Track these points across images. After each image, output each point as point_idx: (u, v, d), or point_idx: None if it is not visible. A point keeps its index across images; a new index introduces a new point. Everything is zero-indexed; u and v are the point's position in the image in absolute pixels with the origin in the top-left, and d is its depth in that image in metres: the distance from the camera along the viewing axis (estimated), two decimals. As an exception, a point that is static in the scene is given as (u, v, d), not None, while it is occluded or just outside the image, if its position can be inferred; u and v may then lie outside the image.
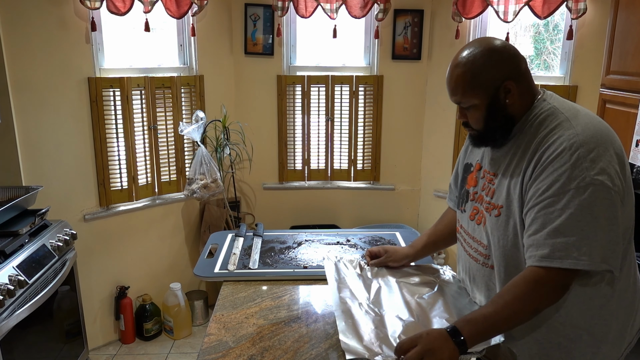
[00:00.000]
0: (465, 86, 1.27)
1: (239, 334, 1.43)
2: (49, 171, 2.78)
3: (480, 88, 1.26)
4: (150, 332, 3.24)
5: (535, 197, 1.18)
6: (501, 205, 1.29)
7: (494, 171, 1.35)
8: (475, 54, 1.26)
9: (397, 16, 3.40)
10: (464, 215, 1.47)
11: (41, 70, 2.68)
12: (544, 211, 1.16)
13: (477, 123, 1.31)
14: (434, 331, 1.19)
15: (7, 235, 2.18)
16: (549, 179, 1.17)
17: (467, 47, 1.29)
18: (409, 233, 2.23)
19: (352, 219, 3.72)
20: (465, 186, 1.48)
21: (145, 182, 3.17)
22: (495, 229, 1.30)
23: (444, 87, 1.37)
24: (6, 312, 1.91)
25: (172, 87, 3.17)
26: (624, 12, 2.37)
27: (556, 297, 1.19)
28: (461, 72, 1.27)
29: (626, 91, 2.33)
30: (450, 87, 1.30)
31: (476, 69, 1.25)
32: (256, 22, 3.41)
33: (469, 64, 1.26)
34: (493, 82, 1.26)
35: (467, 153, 1.53)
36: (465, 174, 1.50)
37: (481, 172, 1.42)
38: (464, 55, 1.28)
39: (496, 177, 1.33)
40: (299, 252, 1.97)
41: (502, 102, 1.27)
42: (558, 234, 1.14)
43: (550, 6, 2.82)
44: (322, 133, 3.60)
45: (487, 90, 1.26)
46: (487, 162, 1.39)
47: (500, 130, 1.30)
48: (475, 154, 1.48)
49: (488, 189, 1.36)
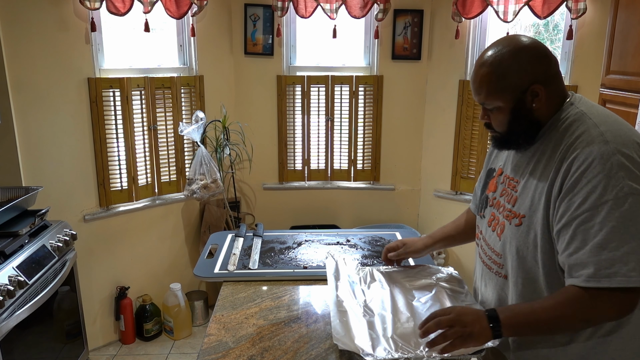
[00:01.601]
0: (490, 87, 1.20)
1: (239, 334, 1.43)
2: (49, 171, 2.78)
3: (505, 91, 1.19)
4: (151, 332, 3.24)
5: (570, 212, 1.10)
6: (523, 214, 1.22)
7: (516, 177, 1.28)
8: (502, 53, 1.19)
9: (397, 16, 3.40)
10: (483, 221, 1.42)
11: (41, 71, 2.68)
12: (583, 227, 1.08)
13: (500, 126, 1.24)
14: (469, 308, 1.18)
15: (7, 235, 2.17)
16: (583, 192, 1.08)
17: (495, 45, 1.22)
18: (409, 233, 2.23)
19: (352, 219, 3.72)
20: (486, 191, 1.43)
21: (145, 182, 3.17)
22: (514, 239, 1.24)
23: (444, 87, 1.35)
24: (6, 312, 1.91)
25: (172, 88, 3.17)
26: (624, 12, 2.37)
27: (613, 316, 1.11)
28: (486, 72, 1.20)
29: (626, 91, 2.33)
30: (474, 86, 1.23)
31: (503, 70, 1.18)
32: (256, 22, 3.41)
33: (496, 64, 1.19)
34: (520, 86, 1.18)
35: (491, 157, 1.47)
36: (488, 179, 1.45)
37: (502, 177, 1.35)
38: (491, 54, 1.20)
39: (519, 183, 1.26)
40: (299, 252, 1.97)
41: (528, 106, 1.19)
42: (601, 250, 1.05)
43: (550, 6, 2.82)
44: (322, 133, 3.60)
45: (513, 93, 1.19)
46: (510, 167, 1.32)
47: (524, 134, 1.23)
48: (499, 159, 1.42)
49: (510, 195, 1.28)
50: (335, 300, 1.43)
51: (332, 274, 1.59)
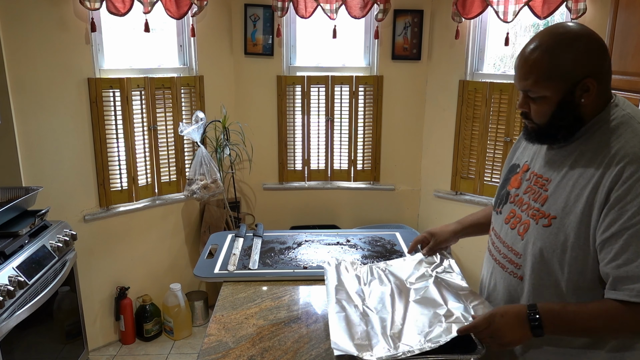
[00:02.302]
0: (540, 74, 1.10)
1: (239, 334, 1.43)
2: (49, 172, 2.78)
3: (556, 80, 1.10)
4: (151, 332, 3.24)
5: (622, 221, 1.03)
6: (554, 215, 1.14)
7: (547, 176, 1.20)
8: (560, 39, 1.09)
9: (397, 16, 3.40)
10: (498, 217, 1.35)
11: (41, 71, 2.68)
12: (635, 238, 1.02)
13: (541, 117, 1.15)
14: (510, 311, 1.12)
15: (7, 236, 2.17)
16: (638, 201, 1.02)
17: (551, 29, 1.12)
18: (409, 233, 2.23)
19: (352, 219, 3.72)
20: (507, 187, 1.35)
21: (145, 182, 3.17)
22: (540, 239, 1.17)
23: (444, 87, 1.33)
24: (6, 313, 1.91)
25: (172, 88, 3.17)
26: (624, 12, 2.37)
27: None
28: (539, 57, 1.10)
29: (626, 91, 2.33)
30: (522, 71, 1.13)
31: (557, 56, 1.09)
32: (256, 23, 3.41)
33: (550, 49, 1.09)
34: (573, 77, 1.09)
35: (516, 153, 1.38)
36: (510, 175, 1.37)
37: (528, 173, 1.28)
38: (546, 38, 1.10)
39: (549, 182, 1.18)
40: (299, 252, 1.97)
41: (576, 100, 1.11)
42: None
43: (550, 6, 2.82)
44: (322, 133, 3.60)
45: (564, 83, 1.10)
46: (540, 165, 1.24)
47: (564, 130, 1.15)
48: (525, 155, 1.33)
49: (537, 193, 1.21)
50: (334, 303, 1.40)
51: (333, 278, 1.54)
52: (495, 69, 3.35)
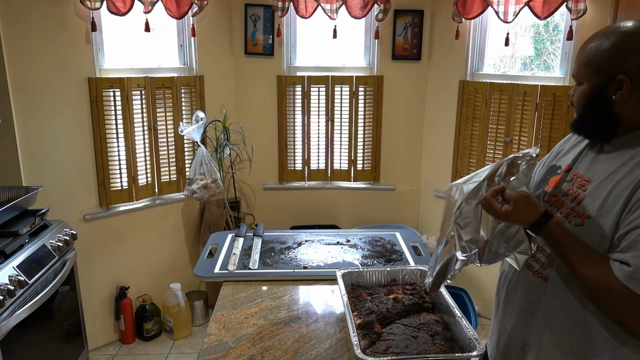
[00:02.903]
0: (584, 60, 1.16)
1: (239, 334, 1.43)
2: (49, 171, 2.78)
3: (594, 68, 1.14)
4: (150, 332, 3.24)
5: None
6: (588, 215, 1.13)
7: (588, 176, 1.19)
8: (612, 32, 1.13)
9: (397, 16, 3.40)
10: None
11: (41, 70, 2.68)
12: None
13: (577, 103, 1.20)
14: (530, 207, 1.12)
15: (7, 235, 2.18)
16: None
17: (621, 23, 1.16)
18: (409, 233, 2.23)
19: (352, 219, 3.72)
20: (545, 187, 1.31)
21: (145, 182, 3.17)
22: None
23: (444, 87, 1.34)
24: (6, 312, 1.91)
25: (172, 88, 3.17)
26: (624, 13, 2.38)
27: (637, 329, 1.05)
28: (587, 44, 1.17)
29: (626, 91, 2.33)
30: (578, 54, 1.20)
31: (601, 46, 1.13)
32: (256, 23, 3.41)
33: (599, 39, 1.14)
34: (609, 71, 1.12)
35: (559, 155, 1.36)
36: (548, 175, 1.33)
37: (569, 174, 1.25)
38: (604, 29, 1.16)
39: (589, 183, 1.17)
40: (299, 252, 1.97)
41: (608, 95, 1.13)
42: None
43: (550, 6, 2.82)
44: (322, 133, 3.60)
45: (599, 75, 1.14)
46: (584, 166, 1.23)
47: (596, 123, 1.17)
48: (567, 158, 1.31)
49: (576, 194, 1.19)
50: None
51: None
52: (495, 69, 3.35)
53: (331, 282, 1.73)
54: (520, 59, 3.29)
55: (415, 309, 1.50)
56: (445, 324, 1.42)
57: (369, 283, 1.63)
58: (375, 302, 1.50)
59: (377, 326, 1.39)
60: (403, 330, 1.37)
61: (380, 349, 1.29)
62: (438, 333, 1.36)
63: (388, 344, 1.31)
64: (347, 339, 1.42)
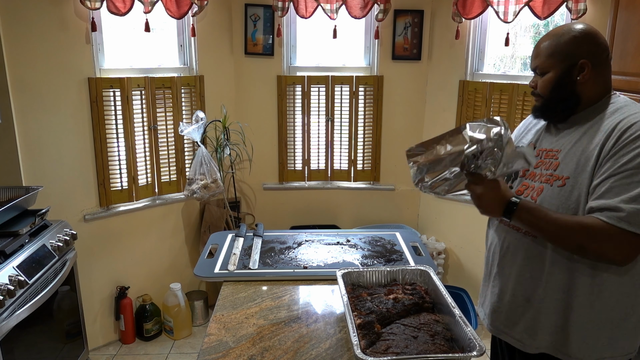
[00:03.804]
0: (546, 53, 1.39)
1: (239, 334, 1.43)
2: (49, 171, 2.78)
3: (557, 57, 1.37)
4: (150, 332, 3.24)
5: (614, 168, 1.24)
6: (567, 176, 1.34)
7: (557, 148, 1.41)
8: (564, 32, 1.38)
9: (397, 16, 3.40)
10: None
11: (41, 71, 2.68)
12: (622, 181, 1.23)
13: (544, 89, 1.41)
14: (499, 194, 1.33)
15: (7, 235, 2.18)
16: (631, 154, 1.23)
17: (563, 26, 1.41)
18: (409, 233, 2.23)
19: (352, 219, 3.72)
20: None
21: (145, 182, 3.17)
22: (555, 198, 1.35)
23: (444, 87, 1.41)
24: (6, 312, 1.91)
25: (172, 88, 3.17)
26: (624, 13, 2.38)
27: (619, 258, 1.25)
28: (545, 41, 1.41)
29: (626, 92, 2.32)
30: (534, 52, 1.43)
31: (559, 40, 1.38)
32: (256, 23, 3.41)
33: (556, 38, 1.38)
34: (571, 58, 1.36)
35: (519, 137, 1.60)
36: None
37: (535, 151, 1.47)
38: (556, 31, 1.41)
39: (560, 152, 1.39)
40: (299, 252, 1.97)
41: (573, 77, 1.36)
42: (632, 202, 1.21)
43: (550, 6, 2.82)
44: (322, 133, 3.60)
45: (563, 62, 1.36)
46: (548, 142, 1.45)
47: (562, 103, 1.39)
48: (526, 138, 1.55)
49: (549, 164, 1.41)
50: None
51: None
52: (495, 69, 3.35)
53: (331, 282, 1.73)
54: (520, 59, 3.29)
55: (415, 309, 1.50)
56: (445, 324, 1.42)
57: (369, 283, 1.63)
58: (375, 302, 1.50)
59: (377, 326, 1.39)
60: (403, 330, 1.37)
61: (380, 349, 1.29)
62: (438, 333, 1.36)
63: (388, 344, 1.31)
64: (347, 339, 1.42)
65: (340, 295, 1.50)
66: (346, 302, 1.45)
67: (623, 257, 1.26)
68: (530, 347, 1.43)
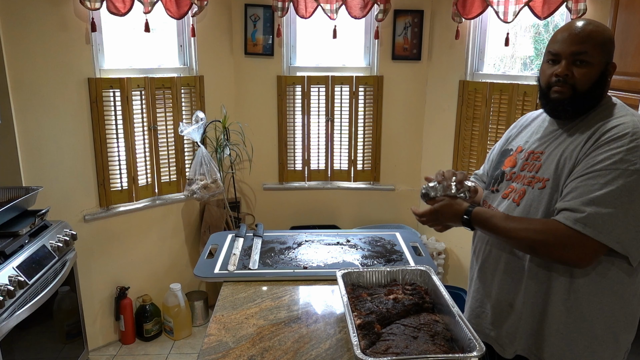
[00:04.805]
0: (597, 41, 1.28)
1: (239, 334, 1.43)
2: (49, 171, 2.78)
3: (605, 51, 1.30)
4: (150, 332, 3.24)
5: (583, 169, 1.23)
6: (547, 178, 1.32)
7: (541, 149, 1.39)
8: (604, 26, 1.32)
9: (397, 17, 3.40)
10: (495, 195, 1.50)
11: (41, 71, 2.68)
12: (586, 182, 1.21)
13: (586, 82, 1.30)
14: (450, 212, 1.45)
15: (7, 235, 2.17)
16: (602, 156, 1.22)
17: (594, 20, 1.34)
18: (409, 233, 2.23)
19: (352, 220, 3.72)
20: (502, 167, 1.52)
21: (145, 182, 3.17)
22: (536, 201, 1.33)
23: (444, 87, 1.40)
24: (6, 312, 1.91)
25: (172, 88, 3.17)
26: (624, 13, 2.37)
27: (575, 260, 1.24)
28: (595, 29, 1.29)
29: (626, 91, 2.33)
30: (578, 36, 1.29)
31: (605, 34, 1.30)
32: (256, 23, 3.41)
33: (601, 29, 1.30)
34: (609, 56, 1.31)
35: (507, 141, 1.59)
36: (503, 158, 1.55)
37: (523, 153, 1.46)
38: (595, 22, 1.32)
39: (543, 154, 1.37)
40: (299, 252, 1.97)
41: (608, 75, 1.32)
42: (592, 204, 1.19)
43: (550, 6, 2.82)
44: (322, 133, 3.60)
45: (606, 58, 1.30)
46: (534, 144, 1.43)
47: (590, 102, 1.32)
48: (516, 142, 1.53)
49: (532, 165, 1.39)
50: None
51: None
52: (495, 69, 3.35)
53: (331, 282, 1.73)
54: (520, 59, 3.29)
55: (415, 309, 1.49)
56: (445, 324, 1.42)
57: (369, 283, 1.63)
58: (375, 303, 1.50)
59: (377, 326, 1.39)
60: (403, 331, 1.37)
61: (380, 349, 1.29)
62: (438, 333, 1.36)
63: (388, 344, 1.31)
64: (347, 339, 1.42)
65: (340, 295, 1.50)
66: (346, 303, 1.45)
67: (577, 260, 1.24)
68: (509, 351, 1.43)
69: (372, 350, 1.28)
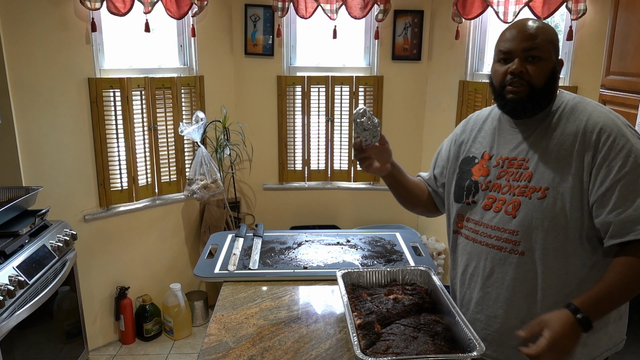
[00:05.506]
0: (546, 37, 1.29)
1: (239, 334, 1.43)
2: (49, 171, 2.78)
3: (554, 46, 1.31)
4: (150, 332, 3.24)
5: (612, 176, 1.20)
6: (546, 187, 1.28)
7: (522, 156, 1.34)
8: (547, 24, 1.33)
9: (397, 17, 3.40)
10: (474, 207, 1.42)
11: (41, 71, 2.68)
12: (631, 187, 1.19)
13: (540, 77, 1.29)
14: (561, 328, 1.15)
15: (7, 235, 2.17)
16: (620, 157, 1.21)
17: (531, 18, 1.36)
18: (409, 233, 2.23)
19: (352, 220, 3.72)
20: (471, 177, 1.44)
21: (145, 182, 3.17)
22: (537, 211, 1.28)
23: (444, 87, 1.39)
24: (6, 312, 1.91)
25: (172, 88, 3.17)
26: (624, 13, 2.38)
27: None
28: (543, 26, 1.31)
29: (626, 92, 2.33)
30: (528, 32, 1.29)
31: (552, 34, 1.31)
32: (256, 23, 3.41)
33: (547, 27, 1.31)
34: (558, 52, 1.32)
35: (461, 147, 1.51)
36: (467, 167, 1.47)
37: (493, 160, 1.40)
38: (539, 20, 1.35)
39: (529, 161, 1.32)
40: (299, 252, 1.97)
41: (558, 71, 1.33)
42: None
43: (550, 7, 2.82)
44: (322, 133, 3.60)
45: (555, 53, 1.31)
46: (504, 149, 1.39)
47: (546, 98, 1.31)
48: (475, 147, 1.47)
49: (518, 174, 1.34)
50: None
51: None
52: (495, 69, 3.34)
53: (331, 282, 1.73)
54: (520, 59, 3.28)
55: (415, 309, 1.49)
56: (446, 324, 1.42)
57: (369, 283, 1.63)
58: (375, 303, 1.50)
59: (377, 326, 1.39)
60: (403, 331, 1.37)
61: (380, 349, 1.29)
62: (438, 333, 1.36)
63: (388, 344, 1.31)
64: (347, 339, 1.42)
65: (340, 295, 1.50)
66: (346, 303, 1.45)
67: None
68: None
69: (372, 350, 1.28)
